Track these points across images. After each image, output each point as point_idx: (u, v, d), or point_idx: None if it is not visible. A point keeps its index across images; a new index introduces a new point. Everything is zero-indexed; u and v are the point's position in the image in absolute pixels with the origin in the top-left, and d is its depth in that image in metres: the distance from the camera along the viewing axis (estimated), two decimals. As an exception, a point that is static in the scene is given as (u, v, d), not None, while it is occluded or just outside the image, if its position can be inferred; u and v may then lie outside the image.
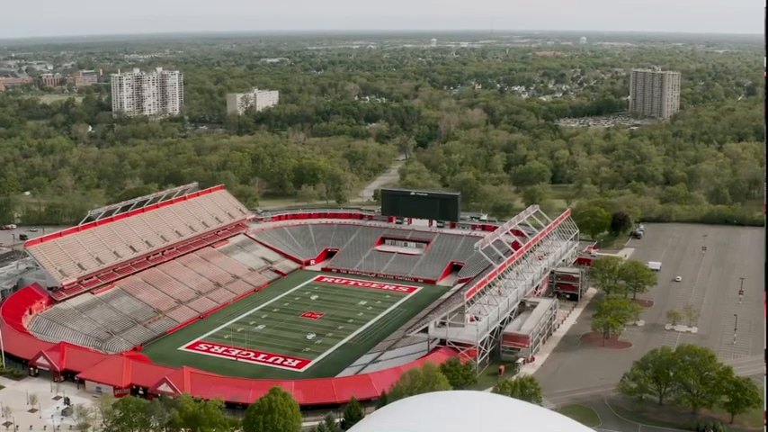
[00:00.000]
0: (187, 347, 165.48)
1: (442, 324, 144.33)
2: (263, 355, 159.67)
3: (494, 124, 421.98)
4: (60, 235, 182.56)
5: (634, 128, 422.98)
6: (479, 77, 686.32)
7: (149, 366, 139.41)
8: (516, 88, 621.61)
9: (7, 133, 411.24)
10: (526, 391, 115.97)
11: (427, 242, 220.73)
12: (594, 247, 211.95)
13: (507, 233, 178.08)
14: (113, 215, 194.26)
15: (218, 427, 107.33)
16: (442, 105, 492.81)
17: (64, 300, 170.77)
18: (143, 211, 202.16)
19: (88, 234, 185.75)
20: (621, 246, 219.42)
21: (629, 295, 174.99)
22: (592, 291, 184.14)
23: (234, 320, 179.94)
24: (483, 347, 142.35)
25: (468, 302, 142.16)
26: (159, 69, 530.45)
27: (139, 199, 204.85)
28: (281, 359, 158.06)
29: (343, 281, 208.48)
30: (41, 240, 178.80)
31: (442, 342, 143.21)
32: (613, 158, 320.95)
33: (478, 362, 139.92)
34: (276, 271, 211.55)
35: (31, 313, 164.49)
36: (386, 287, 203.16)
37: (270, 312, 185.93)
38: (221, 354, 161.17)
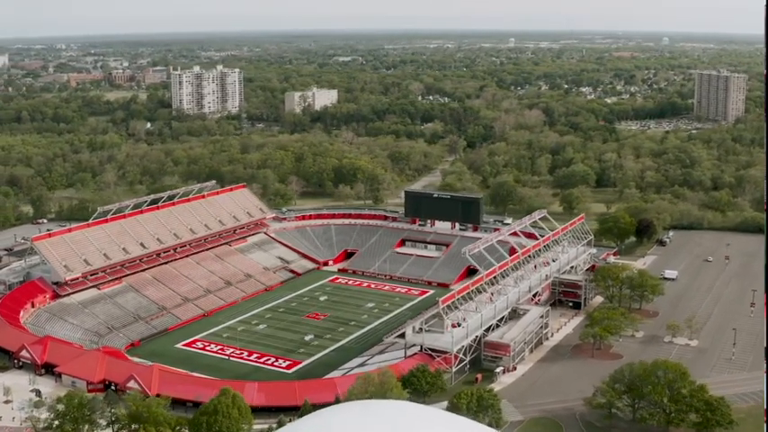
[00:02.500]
0: (184, 345, 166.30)
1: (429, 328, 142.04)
2: (255, 355, 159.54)
3: (550, 126, 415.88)
4: (70, 231, 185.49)
5: (694, 131, 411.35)
6: (548, 78, 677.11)
7: (123, 362, 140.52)
8: (584, 89, 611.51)
9: (67, 129, 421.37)
10: (483, 402, 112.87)
11: (447, 245, 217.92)
12: (615, 254, 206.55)
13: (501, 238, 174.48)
14: (126, 212, 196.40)
15: (162, 425, 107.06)
16: (503, 106, 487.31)
17: (68, 294, 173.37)
18: (158, 208, 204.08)
19: (98, 230, 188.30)
20: (644, 253, 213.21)
21: (633, 305, 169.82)
22: (599, 299, 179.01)
23: (237, 319, 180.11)
24: (462, 355, 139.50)
25: (444, 309, 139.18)
26: (219, 67, 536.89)
27: (153, 196, 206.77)
28: (272, 359, 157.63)
29: (357, 282, 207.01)
30: (50, 236, 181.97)
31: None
32: (662, 162, 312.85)
33: (454, 370, 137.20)
34: (291, 271, 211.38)
35: (33, 307, 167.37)
36: (398, 290, 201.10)
37: (275, 312, 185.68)
38: (216, 352, 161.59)
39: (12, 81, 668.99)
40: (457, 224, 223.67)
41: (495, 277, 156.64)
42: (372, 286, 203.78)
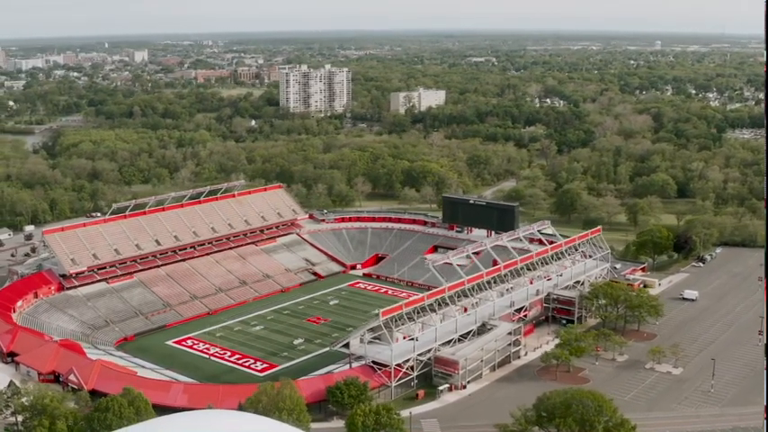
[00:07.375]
0: (174, 342, 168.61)
1: (372, 340, 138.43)
2: (237, 356, 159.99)
3: (655, 132, 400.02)
4: (84, 225, 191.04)
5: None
6: (677, 82, 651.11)
7: (72, 356, 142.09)
8: (710, 95, 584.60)
9: (173, 125, 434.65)
10: (381, 419, 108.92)
11: (477, 253, 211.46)
12: (642, 270, 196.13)
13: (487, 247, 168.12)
14: (146, 209, 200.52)
15: (59, 419, 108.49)
16: (615, 111, 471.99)
17: (75, 287, 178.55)
18: (182, 206, 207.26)
19: (114, 226, 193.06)
20: (677, 270, 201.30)
21: (630, 326, 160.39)
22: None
23: (238, 319, 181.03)
24: (409, 369, 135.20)
25: (383, 322, 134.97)
26: (327, 67, 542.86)
27: (173, 194, 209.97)
28: (251, 361, 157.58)
29: (376, 288, 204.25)
30: (62, 229, 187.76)
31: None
32: (750, 173, 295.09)
33: (394, 384, 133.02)
34: (314, 273, 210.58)
35: (36, 297, 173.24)
36: (412, 297, 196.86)
37: (278, 314, 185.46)
38: (202, 351, 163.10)
39: (139, 76, 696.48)
40: (493, 232, 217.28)
41: (463, 290, 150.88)
42: (389, 292, 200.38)
